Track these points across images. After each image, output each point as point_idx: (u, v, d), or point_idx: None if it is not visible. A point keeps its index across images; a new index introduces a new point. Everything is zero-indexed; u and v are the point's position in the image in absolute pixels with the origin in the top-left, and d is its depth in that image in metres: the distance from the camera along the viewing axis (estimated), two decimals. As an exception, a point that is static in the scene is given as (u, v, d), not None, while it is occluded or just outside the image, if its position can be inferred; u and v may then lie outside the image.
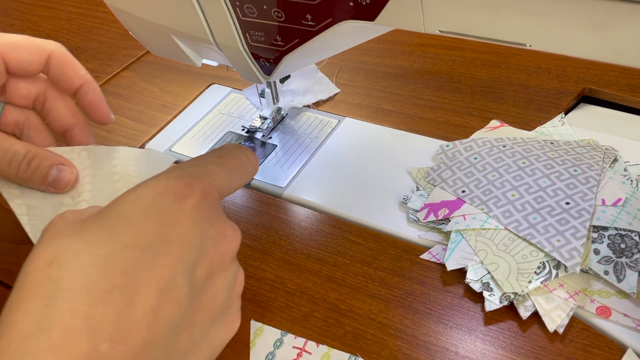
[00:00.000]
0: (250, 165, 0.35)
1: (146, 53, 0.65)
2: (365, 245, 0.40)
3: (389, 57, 0.58)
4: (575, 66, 0.52)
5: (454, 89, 0.53)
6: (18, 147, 0.39)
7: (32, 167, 0.39)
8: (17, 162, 0.39)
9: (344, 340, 0.34)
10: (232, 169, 0.33)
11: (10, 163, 0.39)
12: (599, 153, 0.41)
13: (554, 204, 0.38)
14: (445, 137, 0.47)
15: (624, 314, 0.33)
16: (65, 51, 0.40)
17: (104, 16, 0.74)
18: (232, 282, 0.30)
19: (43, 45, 0.39)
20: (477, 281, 0.35)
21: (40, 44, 0.40)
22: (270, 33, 0.37)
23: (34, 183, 0.40)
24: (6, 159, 0.39)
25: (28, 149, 0.40)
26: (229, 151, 0.34)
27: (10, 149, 0.39)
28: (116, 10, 0.45)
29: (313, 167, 0.47)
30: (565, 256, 0.35)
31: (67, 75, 0.40)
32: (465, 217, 0.39)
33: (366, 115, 0.51)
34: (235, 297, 0.31)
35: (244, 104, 0.55)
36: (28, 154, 0.39)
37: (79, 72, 0.40)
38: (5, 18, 0.78)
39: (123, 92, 0.60)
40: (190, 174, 0.30)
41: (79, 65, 0.41)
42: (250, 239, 0.42)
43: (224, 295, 0.29)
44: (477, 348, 0.33)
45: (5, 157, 0.39)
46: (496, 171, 0.41)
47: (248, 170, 0.35)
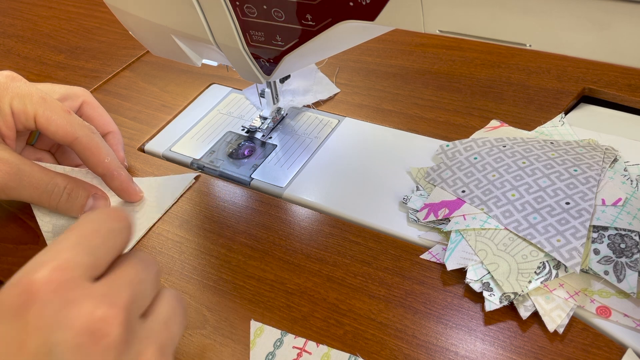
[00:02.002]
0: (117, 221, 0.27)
1: (146, 53, 0.65)
2: (365, 245, 0.40)
3: (389, 57, 0.58)
4: (575, 66, 0.52)
5: (454, 89, 0.53)
6: (58, 180, 0.42)
7: (71, 198, 0.42)
8: (58, 194, 0.41)
9: (343, 340, 0.34)
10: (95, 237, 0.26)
11: (51, 196, 0.41)
12: (599, 153, 0.41)
13: (554, 204, 0.38)
14: (445, 137, 0.47)
15: (624, 314, 0.33)
16: (93, 138, 0.42)
17: (104, 16, 0.74)
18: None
19: (74, 128, 0.41)
20: (477, 281, 0.35)
21: (70, 122, 0.41)
22: (270, 33, 0.37)
23: (71, 213, 0.43)
24: (47, 192, 0.41)
25: (67, 181, 0.42)
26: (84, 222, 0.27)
27: (51, 182, 0.41)
28: (116, 10, 0.45)
29: (313, 167, 0.47)
30: (565, 256, 0.35)
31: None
32: (465, 217, 0.39)
33: (366, 115, 0.51)
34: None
35: (244, 104, 0.55)
36: (67, 187, 0.42)
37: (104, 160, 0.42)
38: (5, 18, 0.78)
39: (123, 92, 0.60)
40: (27, 272, 0.24)
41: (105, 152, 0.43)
42: (250, 239, 0.42)
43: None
44: (477, 348, 0.33)
45: (47, 190, 0.41)
46: (496, 171, 0.41)
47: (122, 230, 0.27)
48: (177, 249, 0.42)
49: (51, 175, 0.41)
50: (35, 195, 0.41)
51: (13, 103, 0.39)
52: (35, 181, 0.40)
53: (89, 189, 0.43)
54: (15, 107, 0.39)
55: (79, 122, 0.41)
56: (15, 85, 0.40)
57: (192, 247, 0.42)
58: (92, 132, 0.42)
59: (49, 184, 0.41)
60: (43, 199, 0.41)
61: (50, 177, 0.41)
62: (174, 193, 0.45)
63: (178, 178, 0.47)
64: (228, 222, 0.43)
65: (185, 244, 0.42)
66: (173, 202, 0.45)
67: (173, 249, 0.42)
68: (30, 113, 0.40)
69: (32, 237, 0.43)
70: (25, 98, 0.40)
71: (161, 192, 0.45)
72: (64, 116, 0.40)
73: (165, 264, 0.41)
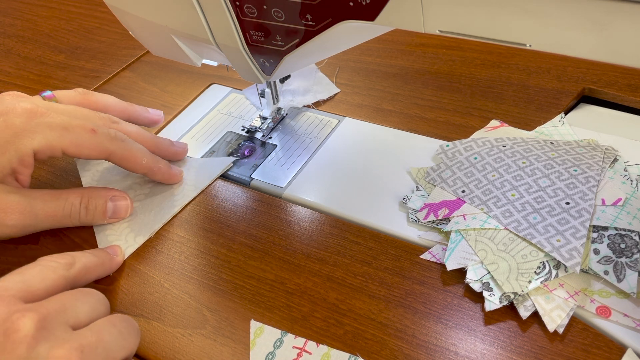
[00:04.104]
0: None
1: (146, 53, 0.65)
2: (365, 245, 0.40)
3: (389, 57, 0.58)
4: (575, 66, 0.52)
5: (454, 89, 0.53)
6: (71, 198, 0.42)
7: (90, 210, 0.42)
8: (76, 212, 0.42)
9: (344, 340, 0.34)
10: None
11: (71, 216, 0.42)
12: (599, 153, 0.41)
13: (554, 203, 0.38)
14: (445, 137, 0.47)
15: (624, 314, 0.33)
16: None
17: (104, 16, 0.74)
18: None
19: (104, 145, 0.41)
20: (477, 281, 0.35)
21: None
22: (270, 33, 0.37)
23: (95, 222, 0.43)
24: (65, 215, 0.42)
25: (81, 195, 0.42)
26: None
27: (66, 204, 0.42)
28: (116, 10, 0.45)
29: (313, 167, 0.47)
30: (565, 256, 0.35)
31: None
32: (465, 217, 0.39)
33: (366, 115, 0.51)
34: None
35: (244, 104, 0.55)
36: (82, 201, 0.42)
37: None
38: (5, 18, 0.78)
39: (123, 92, 0.60)
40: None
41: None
42: (250, 239, 0.42)
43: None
44: (477, 348, 0.33)
45: (64, 214, 0.42)
46: (496, 171, 0.41)
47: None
48: (177, 249, 0.42)
49: (63, 197, 0.41)
50: (55, 222, 0.41)
51: (34, 143, 0.38)
52: (51, 210, 0.41)
53: (104, 195, 0.43)
54: (38, 145, 0.38)
55: (107, 136, 0.41)
56: (34, 123, 0.38)
57: (192, 247, 0.42)
58: (122, 140, 0.42)
59: (64, 207, 0.41)
60: (64, 222, 0.42)
61: (64, 199, 0.41)
62: (210, 175, 0.47)
63: (216, 161, 0.49)
64: (228, 222, 0.43)
65: (185, 244, 0.42)
66: (209, 182, 0.46)
67: (173, 249, 0.42)
68: (56, 147, 0.39)
69: (33, 237, 0.43)
70: (46, 133, 0.38)
71: (199, 173, 0.47)
72: (91, 138, 0.40)
73: (165, 263, 0.41)
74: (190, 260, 0.41)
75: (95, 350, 0.29)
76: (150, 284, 0.39)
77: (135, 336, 0.32)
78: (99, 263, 0.38)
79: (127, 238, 0.42)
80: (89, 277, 0.37)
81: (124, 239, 0.42)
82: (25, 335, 0.27)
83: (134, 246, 0.42)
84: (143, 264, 0.41)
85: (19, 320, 0.28)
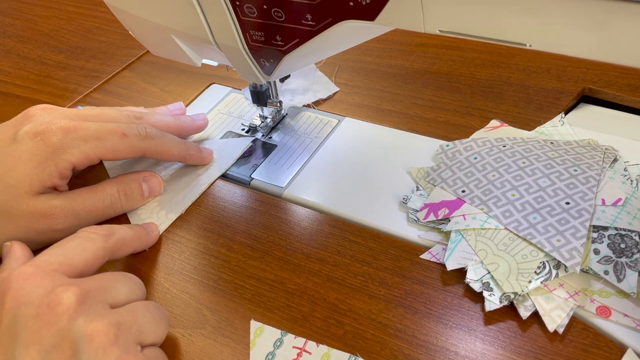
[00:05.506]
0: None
1: (146, 53, 0.65)
2: (365, 245, 0.40)
3: (389, 57, 0.58)
4: (575, 66, 0.52)
5: (454, 89, 0.53)
6: (109, 189, 0.44)
7: (129, 196, 0.44)
8: (117, 201, 0.44)
9: (343, 340, 0.34)
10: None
11: (112, 206, 0.44)
12: (599, 153, 0.41)
13: (554, 203, 0.38)
14: (445, 137, 0.47)
15: (624, 314, 0.33)
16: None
17: (104, 16, 0.74)
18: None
19: (137, 146, 0.43)
20: (477, 281, 0.35)
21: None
22: (270, 33, 0.37)
23: (135, 206, 0.45)
24: (107, 206, 0.43)
25: (117, 184, 0.44)
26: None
27: (104, 195, 0.43)
28: (116, 10, 0.45)
29: (313, 167, 0.47)
30: (565, 256, 0.35)
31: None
32: (465, 217, 0.39)
33: (366, 115, 0.51)
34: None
35: (244, 104, 0.55)
36: (119, 189, 0.44)
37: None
38: (5, 18, 0.78)
39: (123, 92, 0.60)
40: (10, 269, 0.33)
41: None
42: (250, 238, 0.42)
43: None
44: (477, 348, 0.33)
45: (105, 205, 0.43)
46: (496, 171, 0.41)
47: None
48: (177, 248, 0.42)
49: (100, 189, 0.43)
50: (99, 215, 0.43)
51: (73, 158, 0.40)
52: (92, 206, 0.42)
53: (136, 178, 0.45)
54: (76, 159, 0.40)
55: (138, 137, 0.43)
56: (70, 139, 0.40)
57: (192, 247, 0.42)
58: (152, 138, 0.43)
59: (104, 200, 0.43)
60: (107, 213, 0.43)
61: (102, 192, 0.43)
62: (232, 155, 0.49)
63: (236, 141, 0.50)
64: (228, 222, 0.43)
65: (185, 243, 0.42)
66: (232, 162, 0.48)
67: (173, 249, 0.42)
68: (93, 157, 0.41)
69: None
70: (82, 147, 0.41)
71: (222, 154, 0.49)
72: (124, 142, 0.42)
73: (165, 263, 0.41)
74: (190, 260, 0.41)
75: (130, 329, 0.30)
76: (150, 283, 0.39)
77: (166, 324, 0.33)
78: (135, 237, 0.40)
79: (159, 215, 0.44)
80: (125, 249, 0.39)
81: (155, 216, 0.44)
82: (67, 307, 0.29)
83: (167, 222, 0.44)
84: (143, 264, 0.41)
85: (62, 293, 0.30)
